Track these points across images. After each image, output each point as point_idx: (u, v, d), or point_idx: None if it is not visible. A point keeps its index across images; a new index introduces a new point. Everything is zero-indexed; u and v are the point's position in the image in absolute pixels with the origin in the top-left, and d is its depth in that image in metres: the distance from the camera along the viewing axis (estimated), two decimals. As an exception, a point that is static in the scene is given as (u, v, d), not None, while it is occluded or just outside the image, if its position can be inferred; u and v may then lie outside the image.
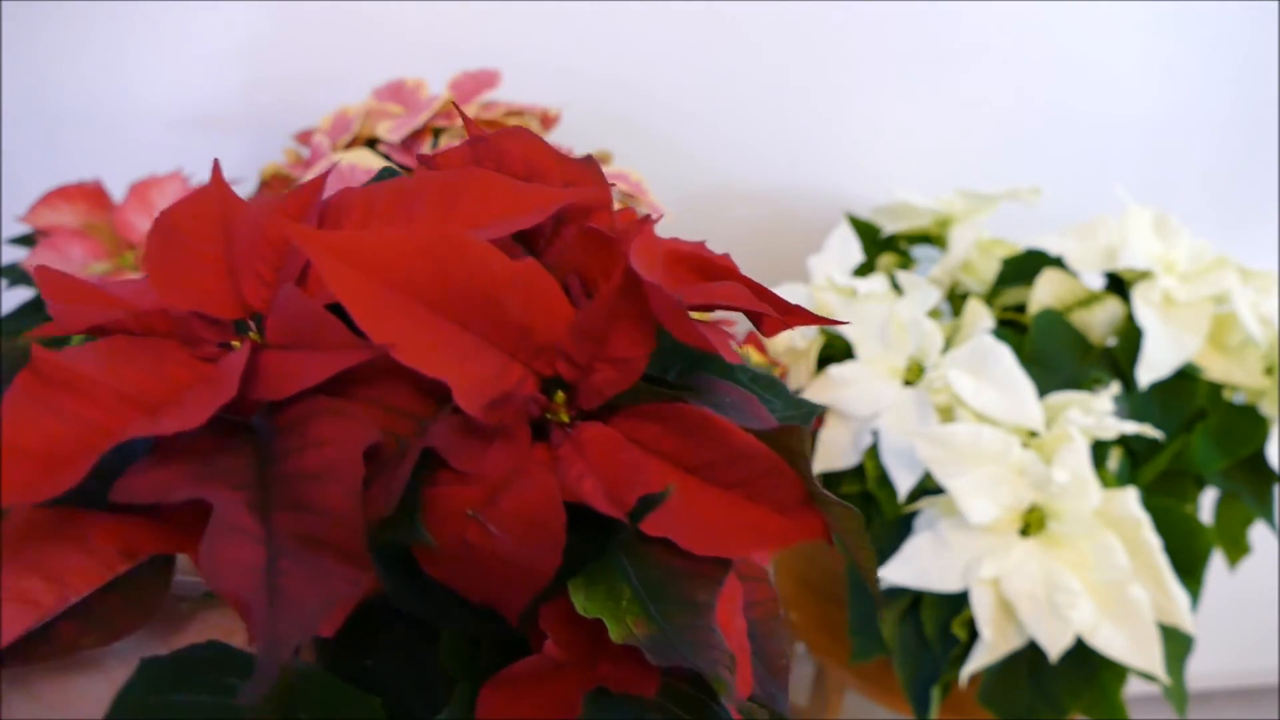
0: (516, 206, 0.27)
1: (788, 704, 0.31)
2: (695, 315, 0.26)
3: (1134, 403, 0.78)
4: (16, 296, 0.74)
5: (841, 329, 0.78)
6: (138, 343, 0.24)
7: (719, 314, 0.83)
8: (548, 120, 0.79)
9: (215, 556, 0.20)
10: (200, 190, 0.29)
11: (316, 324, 0.24)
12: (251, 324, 0.26)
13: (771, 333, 0.29)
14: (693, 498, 0.26)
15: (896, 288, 0.80)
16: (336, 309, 0.24)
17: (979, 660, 0.66)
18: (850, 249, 0.86)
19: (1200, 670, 1.23)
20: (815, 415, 0.32)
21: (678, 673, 0.25)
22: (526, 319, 0.25)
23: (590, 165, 0.29)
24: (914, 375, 0.76)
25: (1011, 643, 0.66)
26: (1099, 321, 0.82)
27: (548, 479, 0.24)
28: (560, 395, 0.26)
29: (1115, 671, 0.67)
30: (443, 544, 0.23)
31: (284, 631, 0.19)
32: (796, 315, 0.29)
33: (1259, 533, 0.87)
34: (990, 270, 0.88)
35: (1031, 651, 0.67)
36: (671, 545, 0.25)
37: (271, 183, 0.76)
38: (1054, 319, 0.80)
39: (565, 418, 0.26)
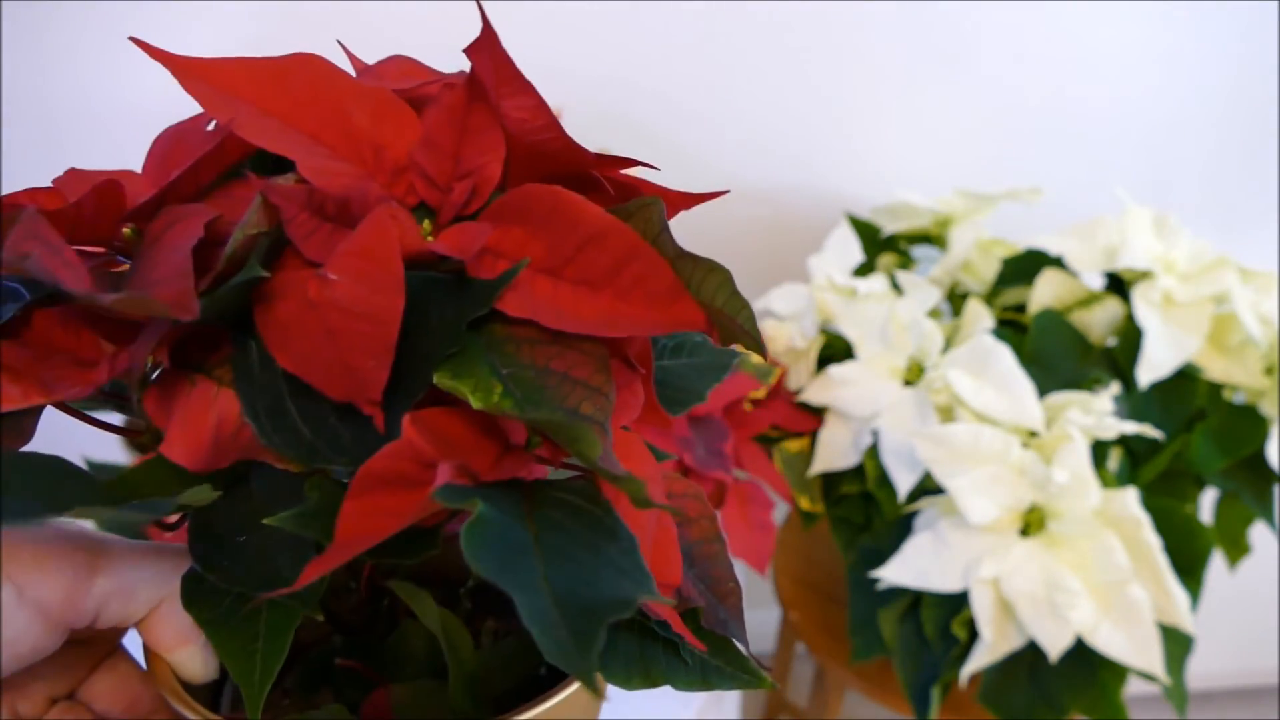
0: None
1: (744, 633, 0.29)
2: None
3: (1134, 403, 0.78)
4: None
5: (842, 329, 0.78)
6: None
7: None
8: (548, 120, 0.79)
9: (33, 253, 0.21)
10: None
11: (180, 139, 0.26)
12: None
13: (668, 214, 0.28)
14: (560, 293, 0.25)
15: (896, 288, 0.80)
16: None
17: (979, 660, 0.65)
18: (850, 249, 0.86)
19: (1200, 670, 1.23)
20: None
21: (562, 485, 0.24)
22: (377, 134, 0.26)
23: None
24: (914, 375, 0.76)
25: (1011, 643, 0.66)
26: (1099, 321, 0.81)
27: (381, 219, 0.23)
28: (427, 223, 0.26)
29: (1115, 671, 0.67)
30: (288, 319, 0.23)
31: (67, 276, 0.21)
32: (684, 197, 0.28)
33: (1259, 533, 0.88)
34: (990, 270, 0.88)
35: (1031, 651, 0.67)
36: (544, 344, 0.24)
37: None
38: (1054, 319, 0.80)
39: (431, 240, 0.26)
